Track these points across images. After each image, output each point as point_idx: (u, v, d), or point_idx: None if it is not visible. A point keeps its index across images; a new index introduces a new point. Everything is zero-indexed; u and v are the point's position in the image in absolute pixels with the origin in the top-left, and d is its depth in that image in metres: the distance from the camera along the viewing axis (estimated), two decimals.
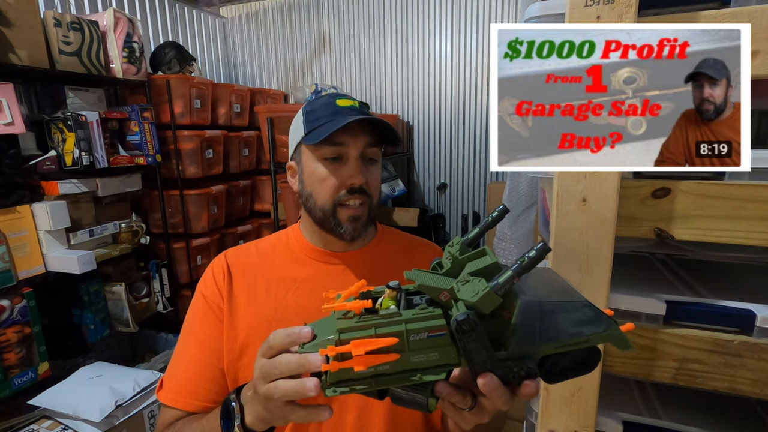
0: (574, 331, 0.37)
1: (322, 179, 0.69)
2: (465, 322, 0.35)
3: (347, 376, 0.38)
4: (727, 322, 0.64)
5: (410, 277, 0.42)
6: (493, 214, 0.44)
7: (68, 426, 1.43)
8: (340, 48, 2.94)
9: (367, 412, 0.68)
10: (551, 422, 0.72)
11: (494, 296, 0.35)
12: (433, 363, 0.38)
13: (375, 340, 0.37)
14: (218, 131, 2.43)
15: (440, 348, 0.38)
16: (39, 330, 1.63)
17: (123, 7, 2.46)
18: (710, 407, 0.76)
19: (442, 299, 0.39)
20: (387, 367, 0.38)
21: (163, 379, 0.72)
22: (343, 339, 0.38)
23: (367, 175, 0.69)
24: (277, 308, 0.71)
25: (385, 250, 0.79)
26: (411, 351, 0.38)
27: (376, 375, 0.38)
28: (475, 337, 0.36)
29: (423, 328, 0.38)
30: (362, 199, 0.69)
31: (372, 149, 0.70)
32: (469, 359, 0.37)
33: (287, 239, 0.79)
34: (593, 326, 0.37)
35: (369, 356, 0.36)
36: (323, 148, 0.68)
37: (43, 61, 1.62)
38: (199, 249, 2.41)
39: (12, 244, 1.57)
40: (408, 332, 0.37)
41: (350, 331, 0.38)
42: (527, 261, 0.35)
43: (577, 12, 0.59)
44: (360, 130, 0.68)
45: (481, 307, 0.36)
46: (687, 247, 0.74)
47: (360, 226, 0.70)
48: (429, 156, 2.88)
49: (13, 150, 1.59)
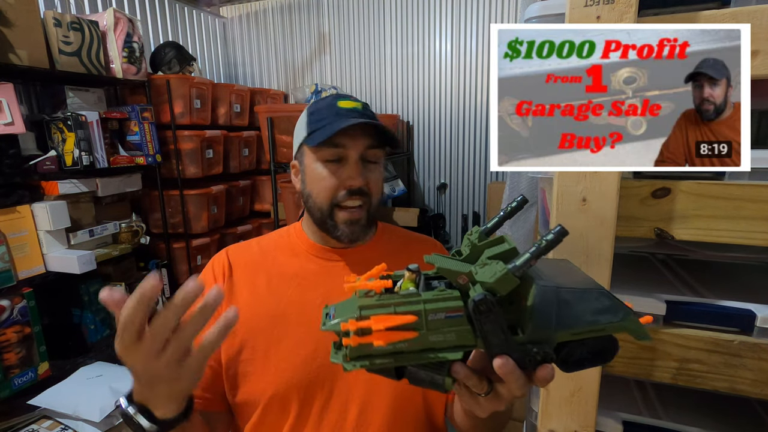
0: (591, 319, 0.37)
1: (322, 180, 0.69)
2: (482, 302, 0.36)
3: (367, 352, 0.39)
4: (727, 322, 0.64)
5: (430, 260, 0.43)
6: (512, 204, 0.45)
7: (68, 426, 1.43)
8: (340, 48, 2.94)
9: (369, 409, 0.68)
10: (551, 422, 0.72)
11: (512, 277, 0.36)
12: (450, 343, 0.39)
13: (394, 317, 0.37)
14: (218, 131, 2.43)
15: (457, 328, 0.39)
16: (39, 330, 1.63)
17: (123, 7, 2.46)
18: (710, 407, 0.76)
19: (460, 282, 0.39)
20: (405, 345, 0.38)
21: None
22: (363, 315, 0.38)
23: (367, 176, 0.70)
24: (278, 304, 0.71)
25: (385, 246, 0.80)
26: (429, 330, 0.38)
27: (394, 352, 0.39)
28: (492, 318, 0.37)
29: (441, 308, 0.38)
30: (361, 200, 0.70)
31: (372, 151, 0.71)
32: (486, 341, 0.38)
33: (289, 236, 0.80)
34: (610, 315, 0.37)
35: (388, 332, 0.37)
36: (324, 150, 0.69)
37: (43, 61, 1.62)
38: (199, 249, 2.41)
39: (12, 244, 1.57)
40: (426, 311, 0.38)
41: (371, 308, 0.39)
42: (545, 244, 0.35)
43: (577, 12, 0.59)
44: (360, 133, 0.69)
45: (499, 288, 0.36)
46: (687, 247, 0.74)
47: (358, 229, 0.71)
48: (429, 156, 2.87)
49: (13, 150, 1.59)
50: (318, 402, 0.67)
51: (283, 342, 0.69)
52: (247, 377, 0.69)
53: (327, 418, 0.67)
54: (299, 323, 0.70)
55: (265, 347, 0.69)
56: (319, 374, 0.67)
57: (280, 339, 0.69)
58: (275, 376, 0.68)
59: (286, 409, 0.67)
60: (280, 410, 0.68)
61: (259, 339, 0.70)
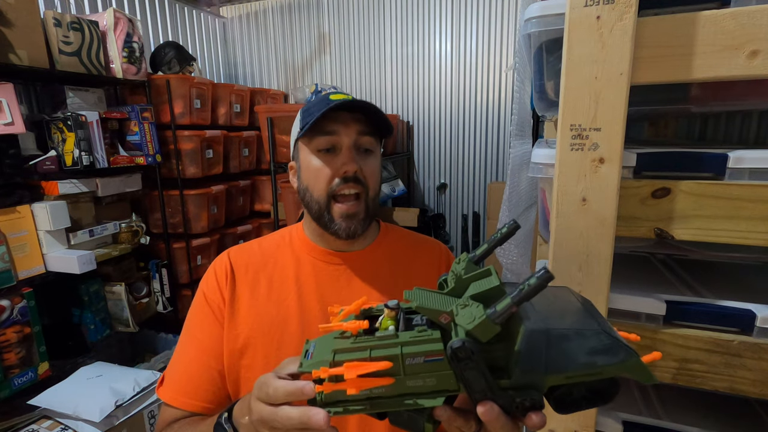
0: (587, 361, 0.34)
1: (317, 170, 0.69)
2: (460, 349, 0.34)
3: (341, 398, 0.38)
4: (727, 322, 0.64)
5: (409, 297, 0.40)
6: (502, 230, 0.42)
7: (68, 426, 1.43)
8: (340, 48, 2.94)
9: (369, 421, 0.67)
10: (551, 422, 0.72)
11: (491, 324, 0.33)
12: (429, 388, 0.37)
13: (367, 364, 0.36)
14: (218, 131, 2.43)
15: (438, 373, 0.36)
16: (39, 330, 1.63)
17: (123, 7, 2.46)
18: (710, 407, 0.76)
19: (442, 321, 0.37)
20: (382, 390, 0.37)
21: (164, 376, 0.72)
22: (337, 360, 0.37)
23: (361, 164, 0.68)
24: (279, 309, 0.71)
25: (388, 250, 0.78)
26: (407, 375, 0.36)
27: (370, 398, 0.37)
28: (472, 365, 0.34)
29: (419, 352, 0.36)
30: (357, 188, 0.68)
31: (365, 138, 0.69)
32: (468, 387, 0.36)
33: (290, 238, 0.79)
34: (609, 356, 0.34)
35: (362, 379, 0.36)
36: (316, 139, 0.68)
37: (43, 61, 1.62)
38: (199, 249, 2.40)
39: (12, 244, 1.57)
40: (404, 356, 0.36)
41: (345, 353, 0.37)
42: (527, 289, 0.32)
43: (577, 12, 0.59)
44: (352, 120, 0.68)
45: (478, 335, 0.34)
46: (687, 247, 0.74)
47: (356, 223, 0.69)
48: (429, 156, 2.87)
49: (13, 150, 1.59)
50: None
51: (283, 348, 0.69)
52: (249, 383, 0.69)
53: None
54: (299, 329, 0.69)
55: (265, 353, 0.69)
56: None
57: (281, 345, 0.69)
58: None
59: None
60: None
61: (260, 344, 0.69)
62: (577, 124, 0.62)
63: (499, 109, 2.65)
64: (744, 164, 0.60)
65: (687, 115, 1.23)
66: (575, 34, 0.60)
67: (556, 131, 0.66)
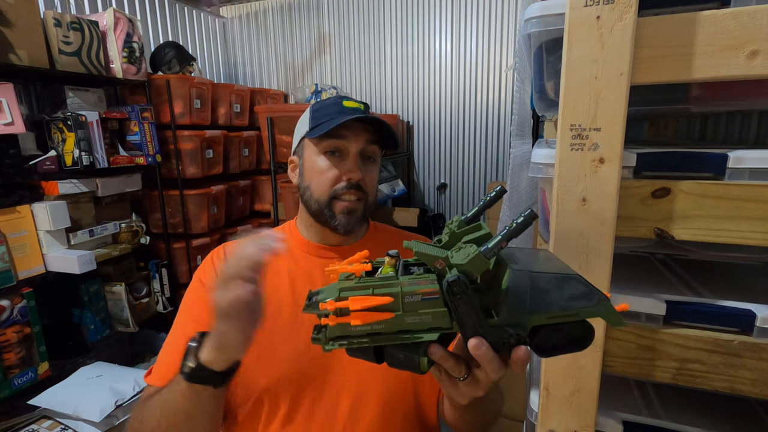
0: (565, 304, 0.38)
1: (322, 171, 0.71)
2: (456, 283, 0.37)
3: (345, 332, 0.40)
4: (727, 322, 0.64)
5: (409, 246, 0.44)
6: (491, 194, 0.45)
7: (68, 426, 1.43)
8: (340, 48, 2.93)
9: (360, 404, 0.69)
10: (551, 422, 0.72)
11: (483, 259, 0.37)
12: (426, 325, 0.40)
13: (371, 298, 0.39)
14: (218, 131, 2.43)
15: (433, 311, 0.40)
16: (39, 330, 1.63)
17: (123, 7, 2.46)
18: (710, 407, 0.76)
19: (437, 267, 0.40)
20: (382, 326, 0.40)
21: (153, 367, 0.73)
22: (342, 296, 0.40)
23: (364, 173, 0.72)
24: (271, 299, 0.72)
25: (378, 244, 0.81)
26: (405, 312, 0.39)
27: (372, 333, 0.40)
28: (466, 299, 0.38)
29: (417, 290, 0.39)
30: (358, 195, 0.72)
31: (372, 147, 0.73)
32: (461, 323, 0.39)
33: (284, 234, 0.81)
34: (585, 300, 0.38)
35: (365, 313, 0.39)
36: (326, 141, 0.71)
37: (43, 61, 1.62)
38: (199, 249, 2.40)
39: (12, 244, 1.57)
40: (403, 294, 0.39)
41: (350, 290, 0.40)
42: (515, 226, 0.37)
43: (577, 12, 0.59)
44: (362, 129, 0.71)
45: (471, 269, 0.37)
46: (687, 247, 0.74)
47: (354, 220, 0.72)
48: (429, 156, 2.87)
49: (13, 150, 1.59)
50: (309, 395, 0.68)
51: (276, 336, 0.70)
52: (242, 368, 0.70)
53: (318, 411, 0.68)
54: (292, 318, 0.71)
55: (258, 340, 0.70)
56: (311, 368, 0.69)
57: (274, 333, 0.70)
58: (268, 369, 0.69)
59: (278, 401, 0.68)
60: (272, 402, 0.69)
61: None
62: (577, 124, 0.62)
63: (499, 109, 2.65)
64: (744, 164, 0.60)
65: (687, 115, 1.23)
66: (575, 34, 0.60)
67: (556, 131, 0.66)
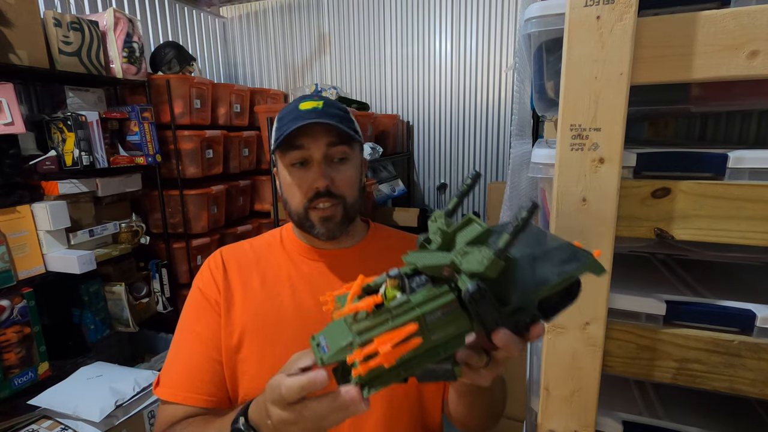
0: (561, 270, 0.40)
1: (291, 185, 0.71)
2: (477, 291, 0.37)
3: (377, 374, 0.39)
4: (727, 322, 0.64)
5: (409, 261, 0.43)
6: (467, 181, 0.46)
7: (68, 426, 1.43)
8: (340, 48, 2.93)
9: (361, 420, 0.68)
10: (551, 422, 0.72)
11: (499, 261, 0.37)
12: (451, 336, 0.40)
13: (398, 332, 0.37)
14: (218, 131, 2.42)
15: (454, 321, 0.40)
16: (39, 330, 1.63)
17: (123, 7, 2.46)
18: (710, 407, 0.76)
19: (444, 274, 0.40)
20: (412, 353, 0.39)
21: (160, 376, 0.72)
22: (365, 340, 0.38)
23: (333, 175, 0.69)
24: (273, 304, 0.72)
25: (377, 246, 0.81)
26: (430, 331, 0.39)
27: (402, 363, 0.39)
28: (486, 302, 0.38)
29: (436, 306, 0.39)
30: (331, 201, 0.70)
31: (336, 149, 0.70)
32: (482, 322, 0.39)
33: (281, 237, 0.81)
34: (575, 262, 0.40)
35: (395, 348, 0.37)
36: (289, 154, 0.69)
37: (43, 61, 1.62)
38: (199, 249, 2.40)
39: (12, 244, 1.57)
40: (424, 315, 0.39)
41: (369, 331, 0.38)
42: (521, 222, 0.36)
43: (577, 12, 0.59)
44: (321, 131, 0.68)
45: (489, 274, 0.37)
46: (687, 247, 0.74)
47: (334, 225, 0.71)
48: (429, 156, 2.87)
49: (13, 150, 1.59)
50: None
51: (278, 343, 0.69)
52: (245, 376, 0.70)
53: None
54: (293, 324, 0.70)
55: (260, 347, 0.70)
56: None
57: (275, 340, 0.70)
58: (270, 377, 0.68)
59: None
60: None
61: (255, 339, 0.70)
62: (577, 124, 0.62)
63: (499, 109, 2.65)
64: (744, 164, 0.60)
65: (687, 115, 1.23)
66: (575, 34, 0.60)
67: (556, 131, 0.66)
